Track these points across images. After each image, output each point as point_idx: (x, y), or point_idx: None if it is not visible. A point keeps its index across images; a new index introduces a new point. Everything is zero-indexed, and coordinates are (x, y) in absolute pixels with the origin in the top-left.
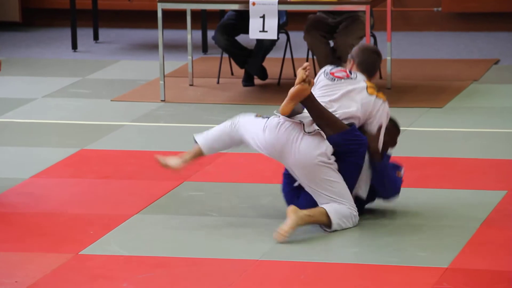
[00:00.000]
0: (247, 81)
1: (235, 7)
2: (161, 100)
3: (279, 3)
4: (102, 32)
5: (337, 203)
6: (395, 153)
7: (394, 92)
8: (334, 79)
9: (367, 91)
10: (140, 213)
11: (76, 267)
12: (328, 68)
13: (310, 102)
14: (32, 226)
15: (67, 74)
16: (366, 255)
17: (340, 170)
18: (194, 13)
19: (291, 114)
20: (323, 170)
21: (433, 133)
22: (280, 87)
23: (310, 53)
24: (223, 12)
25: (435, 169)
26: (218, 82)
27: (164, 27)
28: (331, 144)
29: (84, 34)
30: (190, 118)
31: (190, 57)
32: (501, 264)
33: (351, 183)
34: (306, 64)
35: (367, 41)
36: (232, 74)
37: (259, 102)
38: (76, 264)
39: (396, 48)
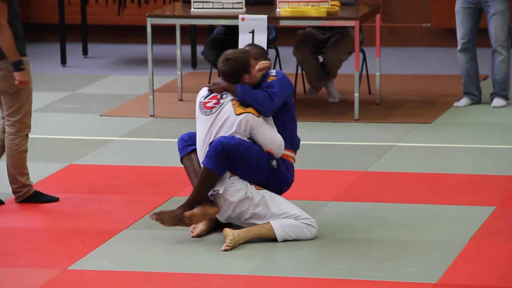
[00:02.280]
0: None
1: (225, 22)
2: (150, 115)
3: (268, 18)
4: (91, 47)
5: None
6: (383, 168)
7: (383, 107)
8: (207, 111)
9: (234, 112)
10: (129, 228)
11: (64, 283)
12: (202, 94)
13: (194, 205)
14: (20, 241)
15: (56, 89)
16: (355, 271)
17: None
18: (183, 28)
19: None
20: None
21: (422, 149)
22: None
23: (299, 68)
24: (212, 27)
25: (424, 184)
26: None
27: (153, 42)
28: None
29: (73, 49)
30: (179, 133)
31: (179, 72)
32: (490, 280)
33: (262, 177)
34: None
35: (356, 56)
36: None
37: None
38: (65, 280)
39: (385, 63)
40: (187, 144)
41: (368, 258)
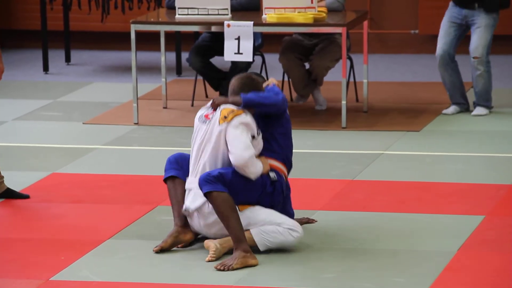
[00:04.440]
0: None
1: (210, 29)
2: (134, 123)
3: (254, 25)
4: (74, 54)
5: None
6: (370, 177)
7: (371, 115)
8: (205, 121)
9: (218, 123)
10: (113, 238)
11: None
12: (202, 112)
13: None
14: (1, 251)
15: (38, 97)
16: (342, 281)
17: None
18: (168, 34)
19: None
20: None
21: (410, 157)
22: None
23: (285, 75)
24: (197, 34)
25: (412, 193)
26: (192, 105)
27: (137, 48)
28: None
29: (56, 56)
30: (164, 142)
31: (164, 79)
32: None
33: (248, 196)
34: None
35: (343, 63)
36: (206, 96)
37: None
38: None
39: (373, 70)
40: (173, 167)
41: (356, 268)
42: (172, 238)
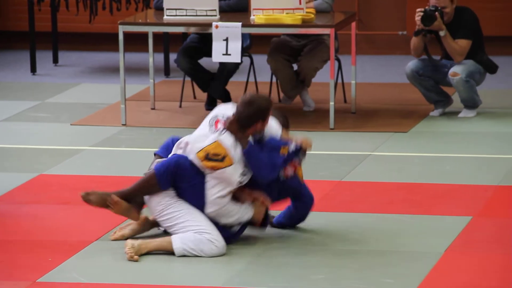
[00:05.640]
0: (210, 104)
1: (198, 30)
2: (122, 124)
3: (242, 26)
4: (62, 55)
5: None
6: (358, 178)
7: (359, 116)
8: (212, 129)
9: (196, 154)
10: (101, 239)
11: None
12: (222, 112)
13: (125, 196)
14: None
15: (26, 98)
16: (331, 282)
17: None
18: (156, 35)
19: None
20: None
21: (398, 158)
22: None
23: (273, 76)
24: (185, 35)
25: (400, 194)
26: (180, 106)
27: (125, 49)
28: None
29: (44, 57)
30: (152, 143)
31: (152, 81)
32: None
33: (198, 203)
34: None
35: (331, 64)
36: (194, 97)
37: None
38: None
39: (361, 71)
40: (166, 147)
41: (345, 268)
42: (127, 206)
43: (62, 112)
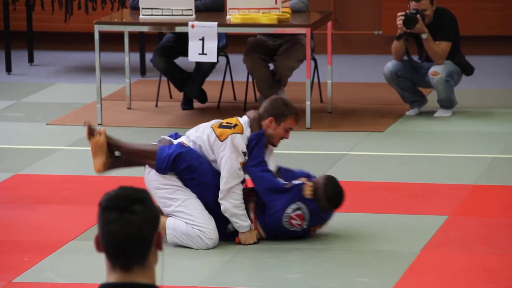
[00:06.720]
0: (187, 104)
1: (174, 29)
2: (98, 124)
3: (218, 25)
4: (37, 54)
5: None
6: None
7: (335, 116)
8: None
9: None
10: (76, 239)
11: None
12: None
13: (117, 148)
14: None
15: (1, 97)
16: (307, 281)
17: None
18: (132, 35)
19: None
20: (160, 192)
21: (374, 158)
22: (219, 111)
23: (249, 76)
24: (161, 34)
25: (376, 193)
26: (156, 106)
27: (101, 49)
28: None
29: (19, 56)
30: None
31: (128, 80)
32: None
33: (204, 198)
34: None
35: (307, 64)
36: (171, 97)
37: None
38: None
39: (337, 71)
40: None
41: (321, 268)
42: (107, 151)
43: (38, 112)
